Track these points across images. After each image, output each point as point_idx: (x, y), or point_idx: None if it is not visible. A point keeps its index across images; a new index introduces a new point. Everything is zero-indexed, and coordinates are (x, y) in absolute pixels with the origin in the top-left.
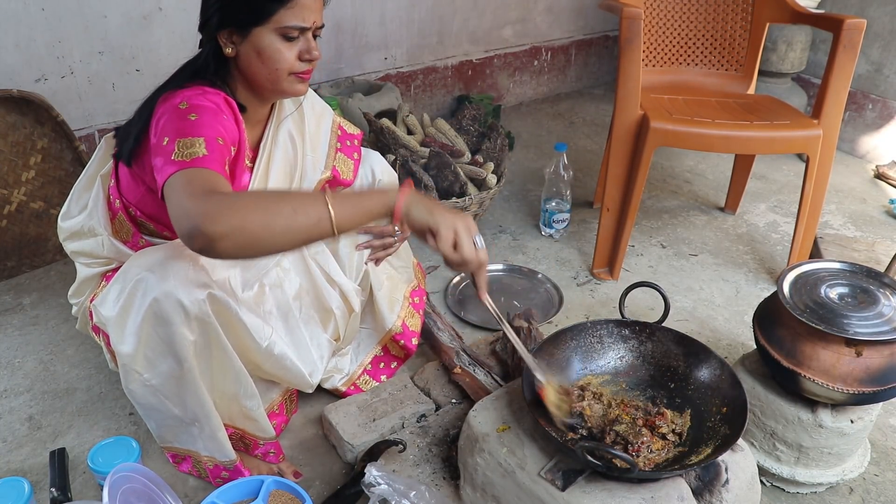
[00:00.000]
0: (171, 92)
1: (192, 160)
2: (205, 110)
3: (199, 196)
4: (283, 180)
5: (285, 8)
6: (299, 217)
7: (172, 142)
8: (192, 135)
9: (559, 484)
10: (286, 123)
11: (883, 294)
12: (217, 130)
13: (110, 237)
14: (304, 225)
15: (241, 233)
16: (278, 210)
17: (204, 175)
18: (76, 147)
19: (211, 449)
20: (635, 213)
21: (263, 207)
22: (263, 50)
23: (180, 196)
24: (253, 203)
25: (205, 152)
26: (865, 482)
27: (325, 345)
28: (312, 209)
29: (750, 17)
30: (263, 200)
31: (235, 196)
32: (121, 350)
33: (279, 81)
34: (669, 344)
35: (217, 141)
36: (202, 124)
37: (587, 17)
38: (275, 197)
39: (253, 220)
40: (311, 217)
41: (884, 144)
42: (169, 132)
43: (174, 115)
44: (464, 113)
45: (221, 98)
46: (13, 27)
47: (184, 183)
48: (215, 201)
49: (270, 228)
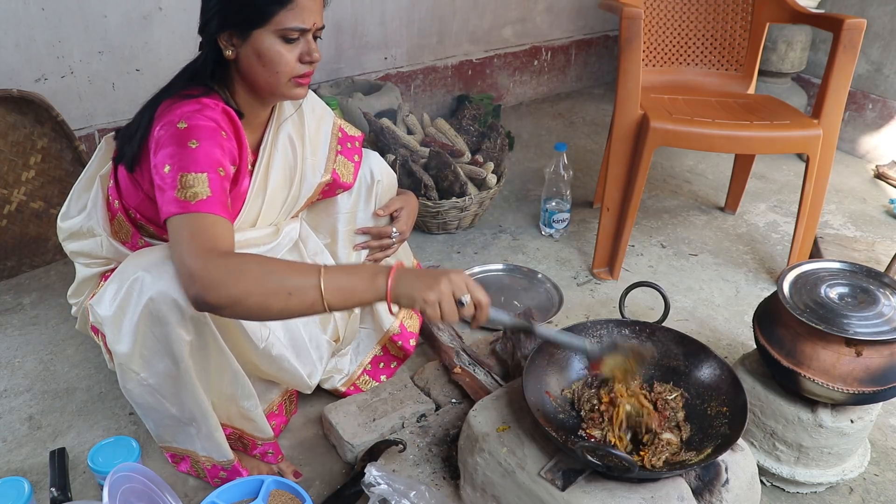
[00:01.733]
0: (171, 102)
1: (197, 203)
2: (204, 134)
3: (203, 257)
4: (283, 183)
5: (285, 9)
6: (294, 300)
7: (175, 174)
8: (195, 169)
9: (559, 484)
10: (286, 126)
11: (883, 294)
12: (217, 159)
13: (109, 238)
14: (298, 308)
15: (239, 307)
16: (276, 291)
17: (207, 224)
18: (76, 147)
19: (208, 449)
20: (635, 213)
21: (263, 287)
22: (264, 52)
23: (184, 250)
24: (253, 280)
25: (208, 192)
26: (865, 482)
27: (324, 346)
28: (307, 294)
29: (750, 17)
30: (262, 278)
31: (236, 266)
32: (117, 349)
33: (279, 85)
34: (669, 344)
35: (219, 173)
36: (203, 154)
37: (587, 17)
38: (273, 277)
39: (251, 298)
40: (306, 302)
41: (884, 144)
42: (170, 159)
43: (173, 136)
44: (464, 113)
45: (219, 111)
46: (13, 27)
47: (189, 234)
48: (218, 268)
49: (267, 309)
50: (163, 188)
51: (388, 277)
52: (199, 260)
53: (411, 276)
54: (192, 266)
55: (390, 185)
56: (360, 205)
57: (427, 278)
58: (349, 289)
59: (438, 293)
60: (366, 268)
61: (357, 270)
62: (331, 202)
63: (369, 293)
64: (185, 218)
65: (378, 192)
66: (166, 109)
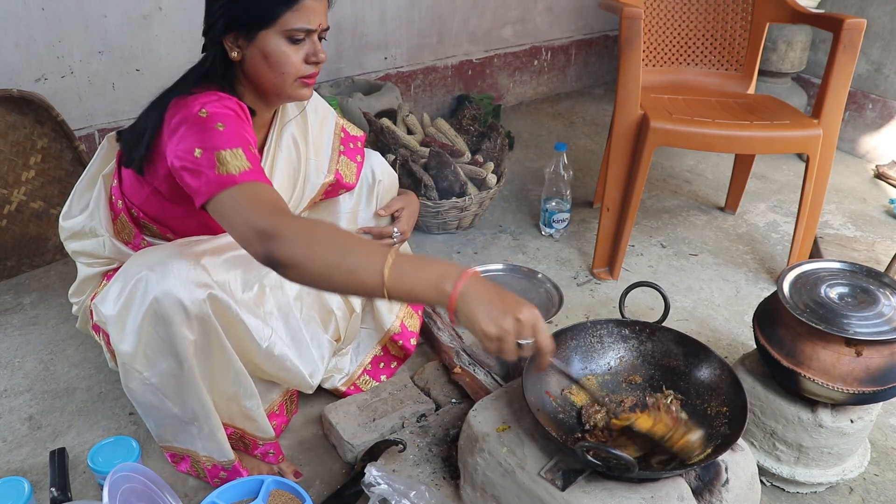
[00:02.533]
0: (183, 98)
1: (241, 174)
2: (228, 118)
3: (273, 216)
4: (287, 184)
5: (291, 10)
6: (355, 278)
7: (210, 154)
8: (229, 146)
9: (559, 484)
10: (289, 127)
11: (883, 294)
12: (246, 139)
13: (111, 238)
14: (357, 287)
15: (304, 269)
16: (339, 265)
17: (262, 190)
18: (76, 147)
19: (209, 449)
20: (635, 213)
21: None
22: (270, 53)
23: (248, 215)
24: (322, 247)
25: (248, 165)
26: (865, 482)
27: (325, 345)
28: (370, 277)
29: (750, 17)
30: (331, 248)
31: (310, 228)
32: (121, 349)
33: (285, 86)
34: (669, 344)
35: (251, 149)
36: (233, 133)
37: (587, 17)
38: (341, 248)
39: (318, 262)
40: (366, 283)
41: (884, 144)
42: (200, 143)
43: (197, 124)
44: (464, 113)
45: (235, 103)
46: (13, 27)
47: (248, 202)
48: (291, 227)
49: (328, 279)
50: (198, 171)
51: (455, 286)
52: (270, 219)
53: (481, 295)
54: (262, 225)
55: (391, 184)
56: (361, 204)
57: (495, 308)
58: (412, 284)
59: (501, 331)
60: (437, 267)
61: (427, 267)
62: (332, 202)
63: (432, 295)
64: (236, 189)
65: (379, 191)
66: (180, 105)
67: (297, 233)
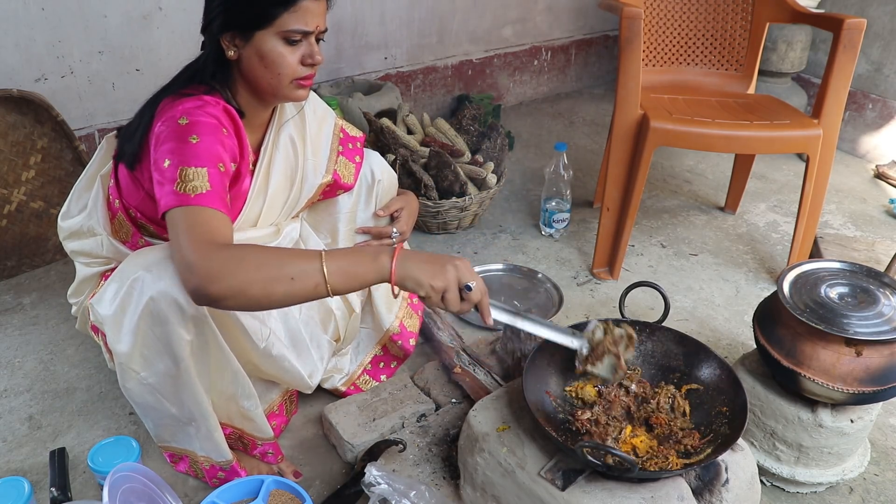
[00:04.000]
0: (172, 99)
1: (196, 196)
2: (205, 129)
3: (202, 249)
4: (284, 184)
5: (289, 12)
6: (297, 285)
7: (175, 168)
8: (195, 164)
9: (559, 483)
10: (287, 127)
11: (883, 294)
12: (218, 155)
13: (109, 237)
14: (301, 292)
15: (242, 296)
16: (277, 277)
17: (206, 217)
18: (76, 147)
19: (207, 449)
20: (635, 213)
21: (263, 273)
22: (266, 54)
23: (182, 244)
24: (253, 267)
25: (207, 187)
26: (865, 482)
27: (325, 346)
28: (309, 278)
29: (750, 17)
30: (263, 266)
31: (235, 255)
32: (117, 349)
33: (280, 87)
34: (669, 344)
35: (219, 168)
36: (203, 149)
37: (587, 16)
38: (274, 262)
39: (253, 286)
40: (308, 284)
41: (884, 144)
42: (170, 154)
43: (174, 132)
44: (464, 113)
45: (220, 109)
46: (13, 27)
47: (186, 227)
48: (217, 260)
49: (269, 295)
50: (162, 182)
51: (391, 258)
52: (198, 252)
53: (416, 259)
54: (189, 258)
55: (391, 184)
56: (360, 204)
57: (433, 264)
58: (352, 270)
59: (445, 280)
60: (367, 249)
61: (359, 252)
62: (331, 202)
63: (372, 273)
64: (183, 211)
65: (378, 191)
66: (167, 106)
67: (223, 265)
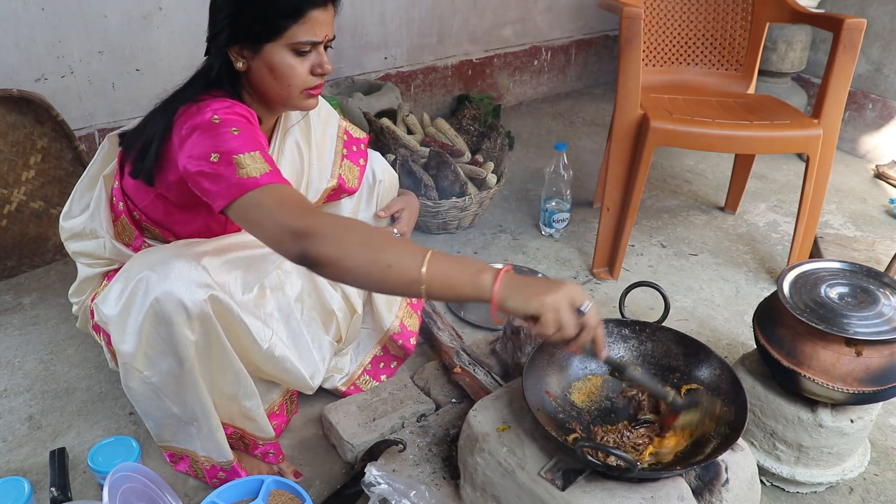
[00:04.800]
0: (192, 105)
1: (263, 176)
2: (241, 124)
3: (304, 215)
4: None
5: (297, 24)
6: (391, 274)
7: (228, 158)
8: (247, 149)
9: (559, 483)
10: (293, 132)
11: (883, 294)
12: (261, 143)
13: (112, 240)
14: (395, 284)
15: (340, 266)
16: (375, 260)
17: (286, 191)
18: (76, 147)
19: (208, 449)
20: (635, 213)
21: (364, 253)
22: (276, 66)
23: (277, 215)
24: (357, 242)
25: (268, 167)
26: (865, 482)
27: (326, 346)
28: (407, 273)
29: (750, 17)
30: (366, 244)
31: (342, 223)
32: (121, 349)
33: (290, 97)
34: (669, 344)
35: (268, 153)
36: (248, 137)
37: (587, 16)
38: (376, 244)
39: (354, 260)
40: (404, 280)
41: (884, 144)
42: (215, 148)
43: (210, 130)
44: (464, 113)
45: (245, 110)
46: (13, 27)
47: (274, 203)
48: (324, 225)
49: (365, 275)
50: (217, 175)
51: (495, 277)
52: (301, 218)
53: (523, 280)
54: (294, 224)
55: (392, 185)
56: (361, 205)
57: (541, 283)
58: (451, 278)
59: (556, 299)
60: (474, 263)
61: (464, 262)
62: (334, 204)
63: (470, 288)
64: (259, 192)
65: (380, 192)
66: (190, 112)
67: (330, 230)
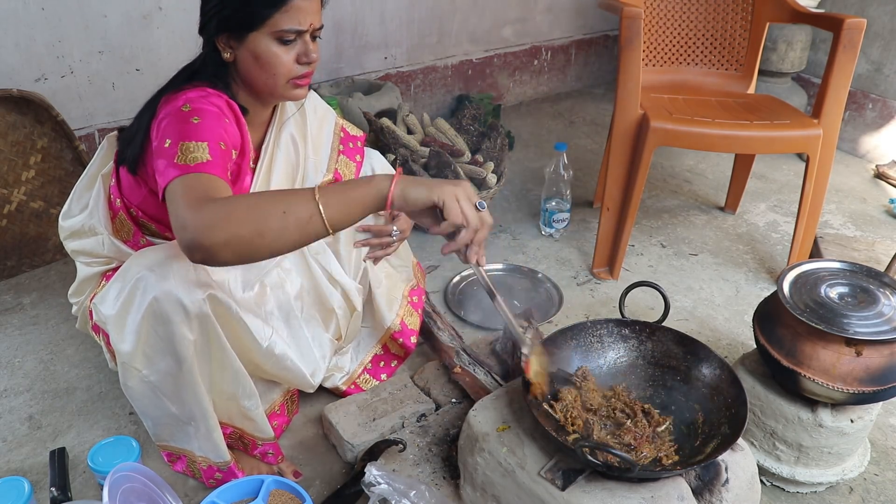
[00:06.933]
0: (173, 94)
1: (196, 165)
2: (207, 114)
3: (195, 206)
4: (285, 183)
5: (280, 12)
6: (290, 218)
7: (175, 144)
8: (195, 139)
9: (559, 483)
10: (288, 126)
11: (883, 294)
12: (219, 135)
13: (111, 236)
14: (295, 225)
15: (237, 240)
16: (269, 212)
17: (203, 181)
18: (76, 147)
19: (206, 449)
20: (635, 213)
21: (255, 212)
22: (260, 55)
23: (178, 205)
24: (244, 208)
25: (208, 157)
26: (865, 482)
27: (326, 344)
28: (302, 208)
29: (750, 17)
30: (254, 205)
31: (227, 203)
32: (120, 348)
33: (277, 87)
34: (669, 343)
35: (220, 146)
36: (205, 128)
37: (587, 16)
38: (266, 199)
39: (246, 226)
40: (302, 216)
41: (884, 144)
42: (171, 134)
43: (176, 117)
44: (464, 112)
45: (223, 101)
46: (13, 27)
47: (183, 190)
48: (210, 211)
49: (263, 233)
50: (161, 160)
51: (391, 179)
52: (191, 209)
53: (417, 178)
54: (184, 216)
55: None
56: None
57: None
58: (347, 196)
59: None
60: (363, 178)
61: (353, 181)
62: None
63: (370, 197)
64: (182, 179)
65: None
66: (168, 100)
67: (215, 214)
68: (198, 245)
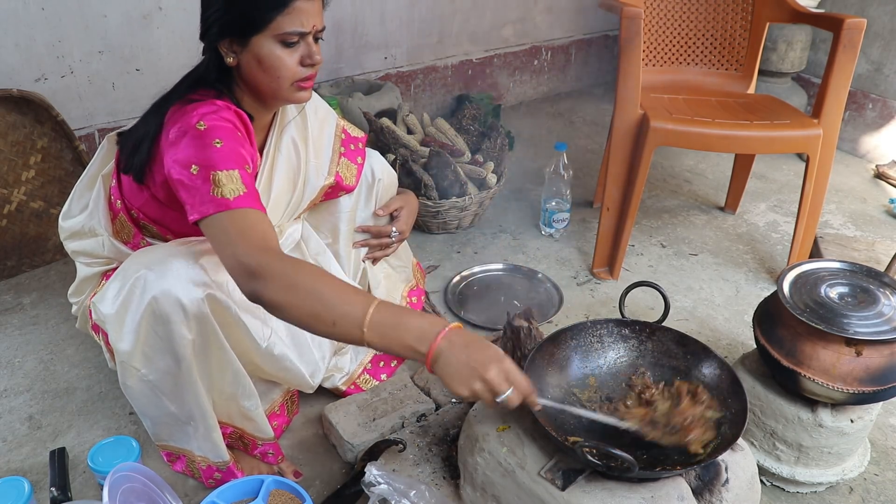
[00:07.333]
0: (182, 106)
1: (235, 199)
2: (226, 134)
3: (260, 254)
4: (287, 186)
5: (282, 14)
6: (337, 329)
7: (206, 174)
8: (225, 167)
9: (559, 483)
10: (289, 129)
11: (883, 293)
12: (242, 157)
13: (111, 238)
14: (337, 335)
15: (288, 314)
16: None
17: (253, 222)
18: (76, 147)
19: (205, 449)
20: (635, 213)
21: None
22: (264, 58)
23: (238, 249)
24: (304, 295)
25: (244, 189)
26: (865, 482)
27: (326, 345)
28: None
29: (750, 17)
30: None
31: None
32: (119, 347)
33: (281, 90)
34: (669, 343)
35: (247, 170)
36: (230, 152)
37: (587, 16)
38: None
39: (302, 310)
40: (345, 334)
41: (884, 144)
42: (196, 159)
43: (195, 138)
44: (464, 112)
45: (233, 113)
46: (13, 27)
47: (237, 233)
48: (275, 267)
49: (310, 324)
50: (193, 188)
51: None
52: (257, 257)
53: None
54: (250, 263)
55: (391, 183)
56: (360, 204)
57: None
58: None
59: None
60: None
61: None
62: (332, 202)
63: (408, 353)
64: (227, 216)
65: (378, 190)
66: (178, 113)
67: (280, 276)
68: (260, 297)
